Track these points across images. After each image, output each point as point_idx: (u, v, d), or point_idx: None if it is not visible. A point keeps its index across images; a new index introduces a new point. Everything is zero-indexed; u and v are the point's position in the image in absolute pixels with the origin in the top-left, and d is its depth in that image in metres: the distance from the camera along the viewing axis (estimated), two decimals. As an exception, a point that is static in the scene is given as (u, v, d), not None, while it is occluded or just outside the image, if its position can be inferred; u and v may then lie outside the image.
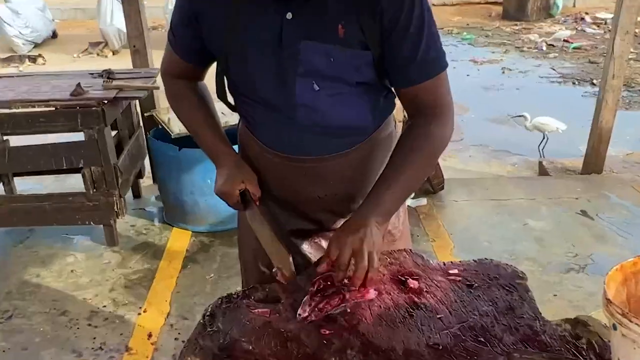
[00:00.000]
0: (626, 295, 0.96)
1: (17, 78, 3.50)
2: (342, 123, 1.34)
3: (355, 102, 1.33)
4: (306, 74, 1.25)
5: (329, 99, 1.29)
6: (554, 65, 8.32)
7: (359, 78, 1.28)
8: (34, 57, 8.72)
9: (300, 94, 1.27)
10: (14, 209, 3.16)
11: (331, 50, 1.22)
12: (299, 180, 1.42)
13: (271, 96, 1.31)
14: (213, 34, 1.31)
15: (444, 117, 1.31)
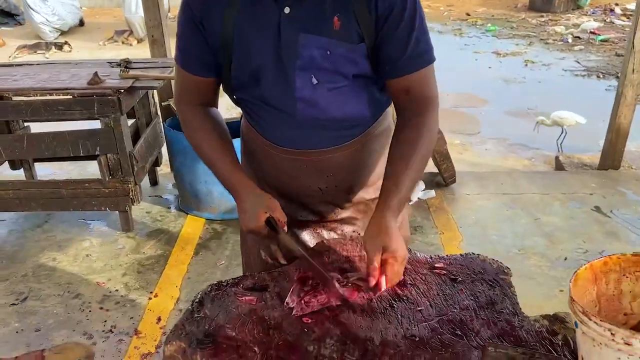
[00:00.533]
0: (596, 293, 0.97)
1: (37, 66, 3.58)
2: (340, 116, 1.37)
3: (353, 96, 1.36)
4: (305, 67, 1.28)
5: (328, 93, 1.32)
6: (578, 58, 8.17)
7: (355, 70, 1.30)
8: (60, 44, 8.89)
9: (300, 88, 1.30)
10: (31, 194, 3.26)
11: (328, 43, 1.25)
12: (300, 173, 1.45)
13: (271, 91, 1.34)
14: (215, 34, 1.32)
15: (432, 109, 1.35)
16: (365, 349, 1.10)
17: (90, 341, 2.54)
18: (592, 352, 0.84)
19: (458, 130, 5.54)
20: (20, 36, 9.88)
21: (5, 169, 3.81)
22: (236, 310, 1.22)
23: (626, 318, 0.99)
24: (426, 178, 3.98)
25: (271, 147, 1.44)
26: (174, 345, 1.12)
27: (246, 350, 1.10)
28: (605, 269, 0.96)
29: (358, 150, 1.45)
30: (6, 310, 2.75)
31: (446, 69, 7.34)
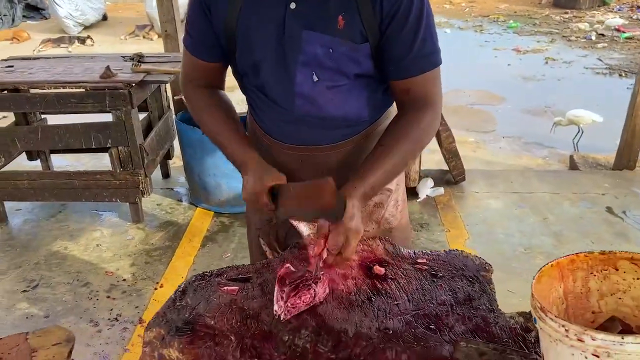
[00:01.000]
0: (563, 291, 0.97)
1: (53, 60, 3.67)
2: (338, 115, 1.37)
3: (353, 96, 1.36)
4: (307, 63, 1.28)
5: (327, 91, 1.32)
6: (601, 56, 8.03)
7: (357, 70, 1.30)
8: (83, 39, 9.06)
9: (300, 84, 1.31)
10: (45, 184, 3.34)
11: (331, 41, 1.25)
12: (295, 167, 1.46)
13: (272, 85, 1.35)
14: (221, 23, 1.34)
15: (432, 109, 1.33)
16: (338, 340, 1.12)
17: (95, 328, 2.61)
18: (549, 348, 0.85)
19: (472, 128, 5.50)
20: (44, 30, 10.09)
21: (23, 160, 3.91)
22: (217, 300, 1.25)
23: (594, 316, 0.99)
24: (435, 175, 3.97)
25: (269, 140, 1.46)
26: (154, 332, 1.15)
27: (222, 339, 1.13)
28: (572, 267, 0.96)
29: (355, 148, 1.44)
30: (17, 297, 2.84)
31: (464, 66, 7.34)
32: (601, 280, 0.96)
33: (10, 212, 3.60)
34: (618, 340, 0.75)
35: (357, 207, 1.23)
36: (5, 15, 10.60)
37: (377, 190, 1.31)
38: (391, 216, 1.58)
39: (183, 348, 1.11)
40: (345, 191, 1.24)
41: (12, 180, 3.36)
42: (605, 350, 0.76)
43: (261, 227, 1.64)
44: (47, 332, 1.10)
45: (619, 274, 0.95)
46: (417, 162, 3.70)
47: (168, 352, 1.10)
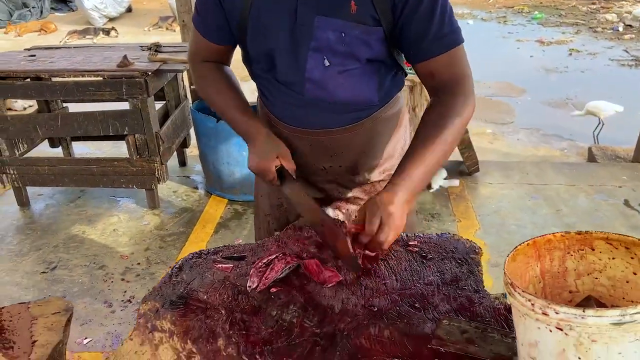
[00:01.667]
0: (540, 270, 0.99)
1: (74, 49, 3.77)
2: (348, 99, 1.39)
3: (363, 80, 1.37)
4: (318, 49, 1.30)
5: (338, 75, 1.34)
6: (627, 47, 7.86)
7: (369, 54, 1.32)
8: (107, 30, 9.23)
9: (310, 69, 1.33)
10: (65, 170, 3.45)
11: (343, 26, 1.27)
12: (305, 151, 1.49)
13: (283, 70, 1.37)
14: (233, 8, 1.37)
15: (463, 92, 1.29)
16: (324, 315, 1.16)
17: (109, 309, 2.69)
18: (519, 322, 0.87)
19: (491, 120, 5.45)
20: (71, 22, 10.30)
21: (46, 147, 4.02)
22: (211, 276, 1.29)
23: (571, 296, 1.00)
24: (449, 166, 3.96)
25: (278, 124, 1.49)
26: (149, 305, 1.20)
27: (213, 312, 1.17)
28: (549, 246, 0.97)
29: (364, 132, 1.46)
30: (36, 278, 2.94)
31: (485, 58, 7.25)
32: (578, 260, 0.98)
33: (32, 197, 3.72)
34: (579, 314, 0.77)
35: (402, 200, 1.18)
36: (34, 7, 10.85)
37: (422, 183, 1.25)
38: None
39: (175, 320, 1.15)
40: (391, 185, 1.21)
41: (34, 166, 3.47)
42: (568, 323, 0.78)
43: (271, 213, 1.68)
44: (47, 302, 1.16)
45: (595, 254, 0.96)
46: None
47: (161, 324, 1.14)
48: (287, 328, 1.13)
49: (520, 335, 0.88)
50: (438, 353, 1.05)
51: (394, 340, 1.08)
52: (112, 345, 2.46)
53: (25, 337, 1.05)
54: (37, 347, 1.02)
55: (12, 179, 3.50)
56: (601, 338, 0.77)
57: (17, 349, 1.01)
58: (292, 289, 1.24)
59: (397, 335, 1.09)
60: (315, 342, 1.09)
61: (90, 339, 2.49)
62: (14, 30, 9.64)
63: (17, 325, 1.07)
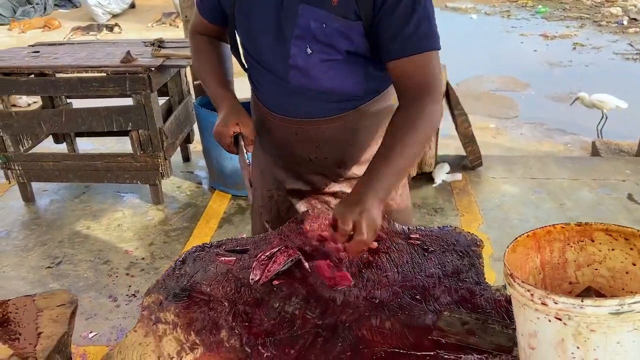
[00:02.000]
0: (540, 261, 0.99)
1: (77, 45, 3.78)
2: (331, 88, 1.40)
3: (346, 71, 1.38)
4: (301, 36, 1.32)
5: (321, 64, 1.35)
6: (632, 41, 7.82)
7: (349, 47, 1.32)
8: (111, 26, 9.24)
9: (294, 56, 1.35)
10: (69, 166, 3.46)
11: (325, 16, 1.28)
12: (292, 141, 1.50)
13: (269, 56, 1.40)
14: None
15: (431, 97, 1.30)
16: (326, 307, 1.17)
17: (114, 303, 2.71)
18: (518, 313, 0.88)
19: (494, 114, 5.45)
20: (74, 18, 10.31)
21: (50, 144, 4.04)
22: (214, 269, 1.30)
23: (571, 287, 1.01)
24: (452, 161, 3.96)
25: (267, 113, 1.51)
26: (152, 297, 1.22)
27: (216, 305, 1.19)
28: (549, 238, 0.98)
29: (349, 124, 1.47)
30: (42, 273, 2.97)
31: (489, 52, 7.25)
32: (578, 251, 0.98)
33: (37, 193, 3.74)
34: (578, 304, 0.77)
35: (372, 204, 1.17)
36: (38, 3, 10.87)
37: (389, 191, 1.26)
38: (391, 199, 1.58)
39: (179, 312, 1.17)
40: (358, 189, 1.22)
41: (39, 161, 3.49)
42: (566, 313, 0.79)
43: (263, 204, 1.69)
44: (52, 294, 1.17)
45: (595, 245, 0.97)
46: (433, 147, 3.70)
47: (164, 316, 1.16)
48: (289, 320, 1.14)
49: (520, 325, 0.89)
50: (439, 344, 1.06)
51: (395, 331, 1.09)
52: (117, 339, 2.48)
53: (30, 329, 1.06)
54: (42, 339, 1.04)
55: (17, 174, 3.52)
56: (600, 328, 0.78)
57: (23, 340, 1.03)
58: (294, 282, 1.25)
59: (398, 327, 1.10)
60: (317, 333, 1.10)
61: (96, 332, 2.51)
62: (18, 27, 9.66)
63: (22, 317, 1.09)
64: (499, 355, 1.02)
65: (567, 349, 0.81)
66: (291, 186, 1.60)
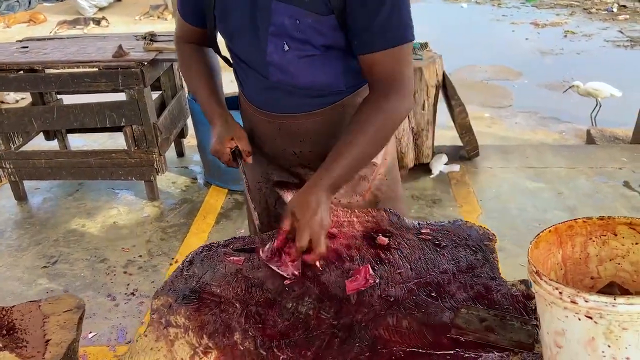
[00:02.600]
0: (562, 257, 0.98)
1: (67, 40, 3.70)
2: (310, 84, 1.38)
3: (325, 65, 1.35)
4: (277, 33, 1.30)
5: (299, 60, 1.33)
6: (622, 28, 7.84)
7: (324, 41, 1.30)
8: (98, 20, 9.11)
9: (271, 53, 1.33)
10: (62, 163, 3.41)
11: (297, 12, 1.26)
12: (276, 135, 1.49)
13: (247, 54, 1.39)
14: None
15: (400, 92, 1.30)
16: (340, 307, 1.14)
17: (113, 302, 2.68)
18: (544, 311, 0.86)
19: (488, 104, 5.44)
20: (60, 12, 10.16)
21: (41, 141, 3.98)
22: (223, 269, 1.27)
23: (593, 282, 0.99)
24: (449, 151, 3.95)
25: (251, 108, 1.50)
26: (161, 300, 1.19)
27: (227, 306, 1.16)
28: (571, 233, 0.96)
29: (333, 118, 1.45)
30: (38, 272, 2.92)
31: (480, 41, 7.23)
32: (600, 245, 0.96)
33: (29, 191, 3.68)
34: (610, 302, 0.75)
35: (322, 199, 1.24)
36: (22, -3, 10.69)
37: (346, 179, 1.32)
38: (377, 190, 1.58)
39: (190, 315, 1.14)
40: (310, 183, 1.27)
41: (30, 159, 3.42)
42: (598, 312, 0.77)
43: (253, 197, 1.67)
44: (59, 299, 1.13)
45: (618, 239, 0.95)
46: (430, 137, 3.68)
47: (175, 319, 1.13)
48: (303, 320, 1.11)
49: (546, 323, 0.87)
50: (458, 342, 1.04)
51: (412, 330, 1.07)
52: (117, 339, 2.44)
53: (37, 336, 1.03)
54: (50, 346, 1.00)
55: (9, 173, 3.46)
56: (632, 326, 0.76)
57: (31, 349, 0.99)
58: (305, 281, 1.23)
59: (416, 325, 1.08)
60: (333, 333, 1.08)
61: (95, 332, 2.47)
62: (3, 22, 9.50)
63: (28, 324, 1.05)
64: (520, 352, 1.01)
65: (597, 347, 0.79)
66: (278, 179, 1.59)
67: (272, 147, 1.52)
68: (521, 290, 1.16)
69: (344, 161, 1.27)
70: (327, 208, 1.24)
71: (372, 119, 1.29)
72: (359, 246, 1.33)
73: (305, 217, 1.21)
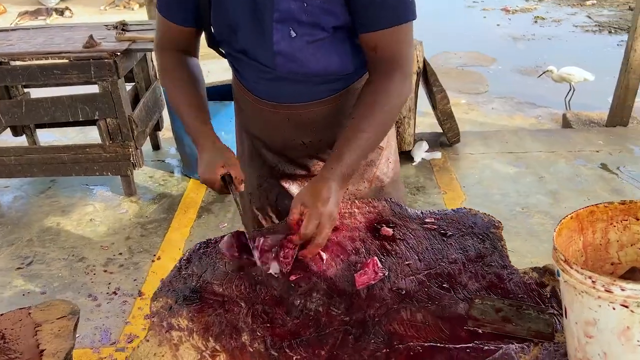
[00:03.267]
0: (582, 243, 0.95)
1: (32, 30, 3.54)
2: (321, 70, 1.32)
3: (334, 49, 1.30)
4: (282, 20, 1.23)
5: (307, 46, 1.26)
6: (590, 14, 7.96)
7: (335, 22, 1.24)
8: (61, 10, 8.82)
9: (278, 42, 1.25)
10: (33, 160, 3.27)
11: None
12: (284, 126, 1.43)
13: (250, 45, 1.31)
14: None
15: (401, 72, 1.27)
16: (351, 302, 1.10)
17: (94, 303, 2.58)
18: (574, 300, 0.83)
19: (465, 90, 5.45)
20: (20, 2, 9.78)
21: (8, 137, 3.81)
22: (223, 267, 1.21)
23: (613, 268, 0.97)
24: (430, 138, 3.94)
25: (255, 100, 1.43)
26: (161, 302, 1.12)
27: (232, 305, 1.10)
28: (592, 219, 0.94)
29: (341, 104, 1.40)
30: (12, 274, 2.80)
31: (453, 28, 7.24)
32: (621, 230, 0.94)
33: (-2, 190, 3.53)
34: (649, 290, 0.73)
35: (334, 190, 1.19)
36: (-21, -12, 10.24)
37: (356, 168, 1.27)
38: (382, 174, 1.55)
39: (192, 317, 1.08)
40: (322, 173, 1.22)
41: (-1, 156, 3.28)
42: (635, 300, 0.74)
43: (252, 192, 1.62)
44: (50, 305, 1.06)
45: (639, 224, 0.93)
46: (412, 125, 3.66)
47: (177, 321, 1.07)
48: (313, 318, 1.07)
49: (574, 313, 0.84)
50: (476, 334, 1.00)
51: (428, 324, 1.04)
52: (101, 340, 2.36)
53: (30, 346, 0.95)
54: (46, 357, 0.93)
55: (-24, 171, 3.31)
56: (670, 313, 0.73)
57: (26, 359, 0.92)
58: (311, 276, 1.18)
59: (431, 319, 1.05)
60: (346, 330, 1.03)
61: (78, 334, 2.36)
62: (-40, 14, 9.11)
63: (20, 334, 0.97)
64: (540, 342, 0.98)
65: (632, 336, 0.77)
66: (284, 171, 1.53)
67: (279, 138, 1.45)
68: (534, 278, 1.13)
69: (355, 148, 1.22)
70: (337, 201, 1.19)
71: (378, 101, 1.24)
72: (363, 238, 1.28)
73: (316, 205, 1.16)
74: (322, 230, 1.17)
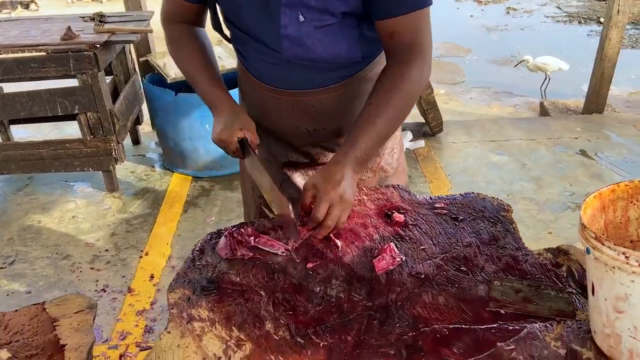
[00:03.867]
0: (604, 222, 0.97)
1: (5, 23, 3.43)
2: (328, 56, 1.30)
3: (342, 35, 1.28)
4: (291, 4, 1.21)
5: (315, 31, 1.25)
6: (560, 4, 8.11)
7: (344, 8, 1.22)
8: (26, 3, 8.56)
9: (285, 26, 1.24)
10: (10, 156, 3.17)
11: None
12: (288, 113, 1.41)
13: (257, 28, 1.29)
14: None
15: (421, 58, 1.26)
16: (371, 287, 1.10)
17: (83, 301, 2.52)
18: (604, 277, 0.84)
19: (443, 80, 5.50)
20: (-17, -4, 9.44)
21: (-19, 133, 3.69)
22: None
23: (632, 245, 0.99)
24: (413, 128, 3.97)
25: (259, 86, 1.41)
26: (178, 293, 1.10)
27: (252, 294, 1.09)
28: (613, 197, 0.95)
29: (348, 92, 1.39)
30: (-6, 274, 2.72)
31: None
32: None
33: (-27, 188, 3.41)
34: (684, 263, 0.74)
35: (346, 173, 1.19)
36: (-62, -19, 9.85)
37: (371, 153, 1.27)
38: (387, 164, 1.55)
39: (212, 307, 1.06)
40: (335, 158, 1.22)
41: (-26, 153, 3.17)
42: (669, 274, 0.76)
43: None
44: (65, 300, 1.03)
45: (659, 201, 0.95)
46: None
47: (197, 312, 1.05)
48: (336, 304, 1.06)
49: (604, 289, 0.85)
50: (499, 315, 1.01)
51: (450, 306, 1.04)
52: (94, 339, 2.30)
53: (50, 341, 0.92)
54: (68, 352, 0.90)
55: (-50, 169, 3.19)
56: None
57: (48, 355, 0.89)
58: (328, 263, 1.17)
59: (453, 301, 1.05)
60: (370, 315, 1.03)
61: (68, 334, 2.32)
62: None
63: (37, 329, 0.94)
64: (562, 321, 0.99)
65: (665, 309, 0.78)
66: (286, 159, 1.51)
67: (282, 126, 1.44)
68: (549, 259, 1.15)
69: (370, 134, 1.22)
70: (351, 184, 1.19)
71: (395, 88, 1.23)
72: (376, 225, 1.28)
73: (327, 188, 1.16)
74: (331, 212, 1.17)
